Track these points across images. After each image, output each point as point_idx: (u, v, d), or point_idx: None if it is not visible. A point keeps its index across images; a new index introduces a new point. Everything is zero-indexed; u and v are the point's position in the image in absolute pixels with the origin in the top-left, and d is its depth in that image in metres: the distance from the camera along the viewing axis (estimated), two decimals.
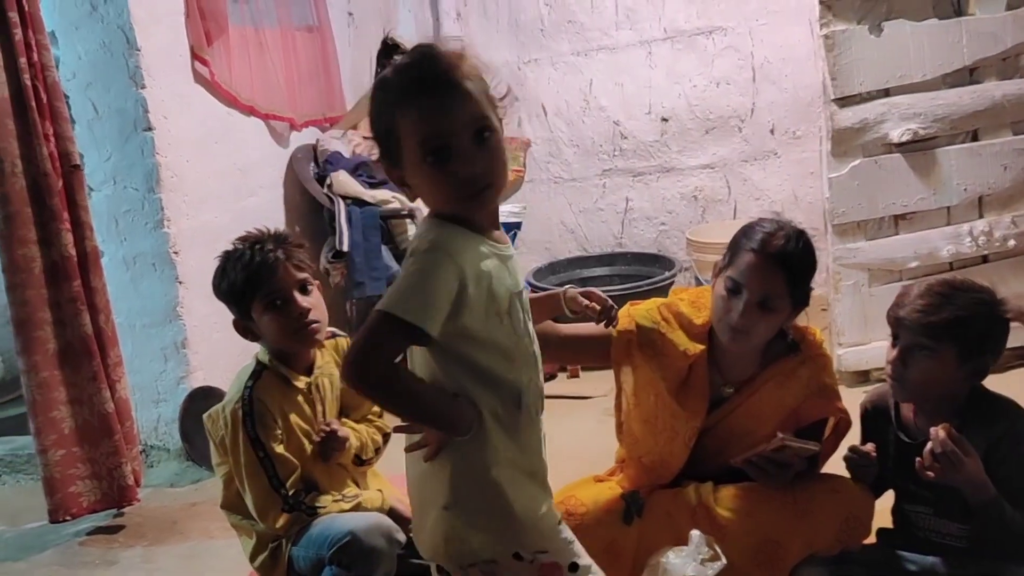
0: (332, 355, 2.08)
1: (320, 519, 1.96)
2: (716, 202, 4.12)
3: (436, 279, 1.23)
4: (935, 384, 1.79)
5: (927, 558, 1.90)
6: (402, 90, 1.26)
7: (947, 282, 1.81)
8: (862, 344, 3.19)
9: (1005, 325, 1.76)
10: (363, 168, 3.73)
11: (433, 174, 1.26)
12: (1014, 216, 3.18)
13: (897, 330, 1.81)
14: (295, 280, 1.92)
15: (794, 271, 1.87)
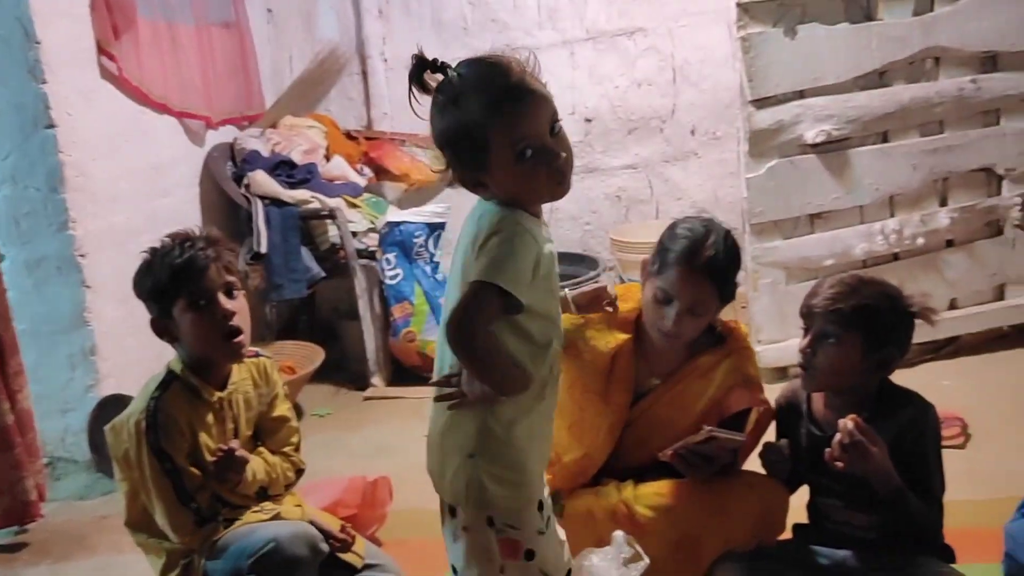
0: (251, 373, 2.00)
1: (238, 530, 1.89)
2: (639, 202, 4.16)
3: (524, 254, 1.39)
4: (842, 373, 1.83)
5: (839, 552, 1.93)
6: (491, 101, 1.38)
7: (857, 275, 1.88)
8: (780, 341, 3.26)
9: (910, 320, 1.82)
10: (282, 167, 3.65)
11: (529, 170, 1.39)
12: (923, 215, 3.28)
13: (808, 320, 1.86)
14: (222, 282, 1.86)
15: (722, 276, 1.93)
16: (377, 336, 3.59)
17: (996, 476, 2.47)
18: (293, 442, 2.07)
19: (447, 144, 1.44)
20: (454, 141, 1.42)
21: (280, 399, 2.06)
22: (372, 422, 3.33)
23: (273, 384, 2.04)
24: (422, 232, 3.57)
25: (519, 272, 1.38)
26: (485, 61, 1.42)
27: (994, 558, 2.02)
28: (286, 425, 2.06)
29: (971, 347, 3.35)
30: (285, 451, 2.05)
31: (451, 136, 1.42)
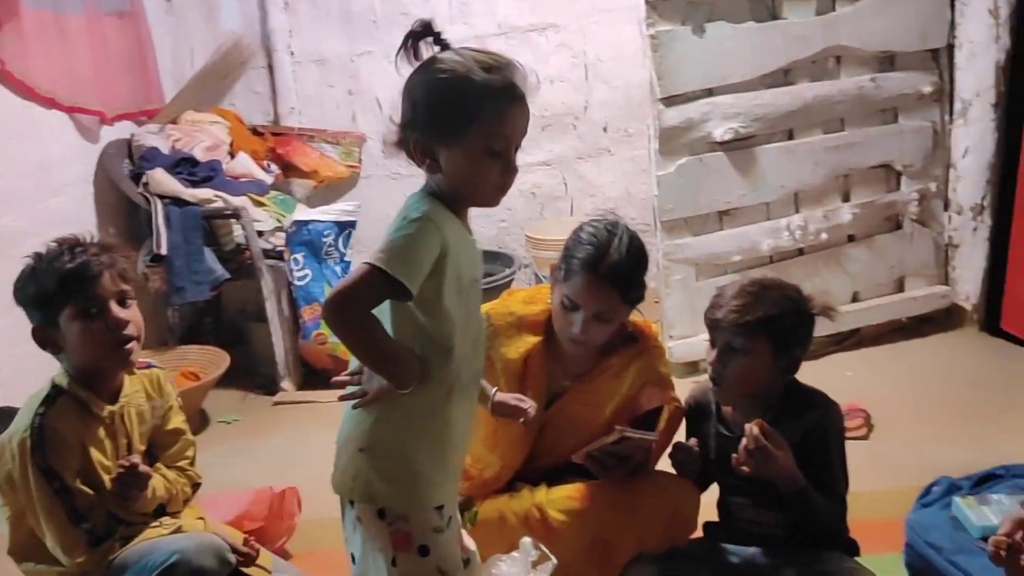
0: (144, 385, 1.91)
1: (137, 546, 1.80)
2: (554, 199, 4.15)
3: (423, 243, 1.36)
4: (752, 382, 1.85)
5: (748, 549, 1.96)
6: (498, 90, 1.38)
7: (757, 281, 1.88)
8: (691, 336, 3.29)
9: (811, 319, 1.86)
10: (183, 165, 3.50)
11: (487, 168, 1.41)
12: (826, 211, 3.36)
13: (714, 332, 1.86)
14: (116, 290, 1.77)
15: (627, 282, 1.91)
16: (286, 339, 3.49)
17: (898, 466, 2.55)
18: (189, 456, 1.99)
19: (431, 102, 1.39)
20: (442, 101, 1.38)
21: (174, 411, 1.98)
22: (281, 428, 3.23)
23: (167, 396, 1.96)
24: (331, 231, 3.48)
25: (413, 261, 1.35)
26: (509, 61, 1.43)
27: (896, 548, 2.09)
28: (182, 438, 1.98)
29: (872, 338, 3.45)
30: (181, 465, 1.96)
31: (441, 95, 1.38)
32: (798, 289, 1.88)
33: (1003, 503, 1.98)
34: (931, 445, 2.65)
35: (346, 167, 4.07)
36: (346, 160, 4.09)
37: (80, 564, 1.75)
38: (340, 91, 4.13)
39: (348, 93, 4.13)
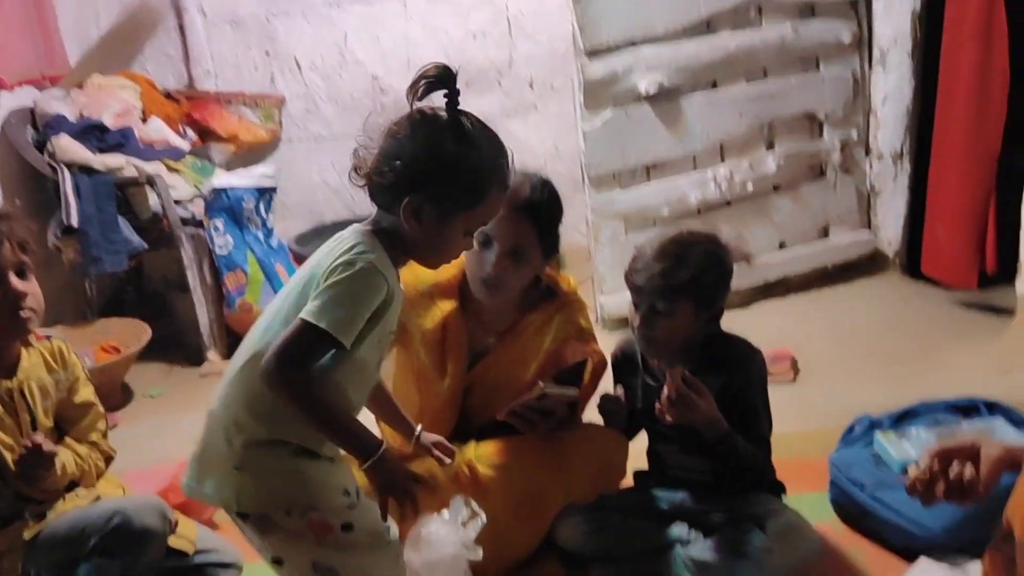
0: (42, 358, 1.83)
1: (64, 516, 1.74)
2: None
3: (367, 298, 1.35)
4: (678, 339, 1.86)
5: (677, 495, 1.98)
6: (503, 180, 1.44)
7: (676, 240, 1.85)
8: (622, 290, 3.28)
9: (730, 268, 1.86)
10: (92, 132, 3.34)
11: (460, 241, 1.46)
12: (751, 161, 3.38)
13: (636, 295, 1.85)
14: (14, 261, 1.70)
15: (542, 220, 1.90)
16: (210, 308, 3.38)
17: (822, 408, 2.59)
18: (100, 428, 1.92)
19: (451, 171, 1.37)
20: (462, 175, 1.38)
21: (82, 383, 1.90)
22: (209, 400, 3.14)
23: (71, 368, 1.88)
24: (252, 197, 3.37)
25: (352, 320, 1.33)
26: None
27: (822, 487, 2.13)
28: (91, 411, 1.91)
29: (799, 286, 3.50)
30: (93, 439, 1.89)
31: (463, 169, 1.38)
32: (716, 240, 1.87)
33: (921, 437, 2.03)
34: (854, 387, 2.71)
35: (266, 130, 3.95)
36: (266, 123, 3.96)
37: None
38: (257, 52, 3.99)
39: (265, 54, 3.99)
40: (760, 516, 1.84)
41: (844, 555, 1.96)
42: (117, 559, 1.70)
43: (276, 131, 3.97)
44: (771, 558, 1.77)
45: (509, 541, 1.93)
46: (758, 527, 1.81)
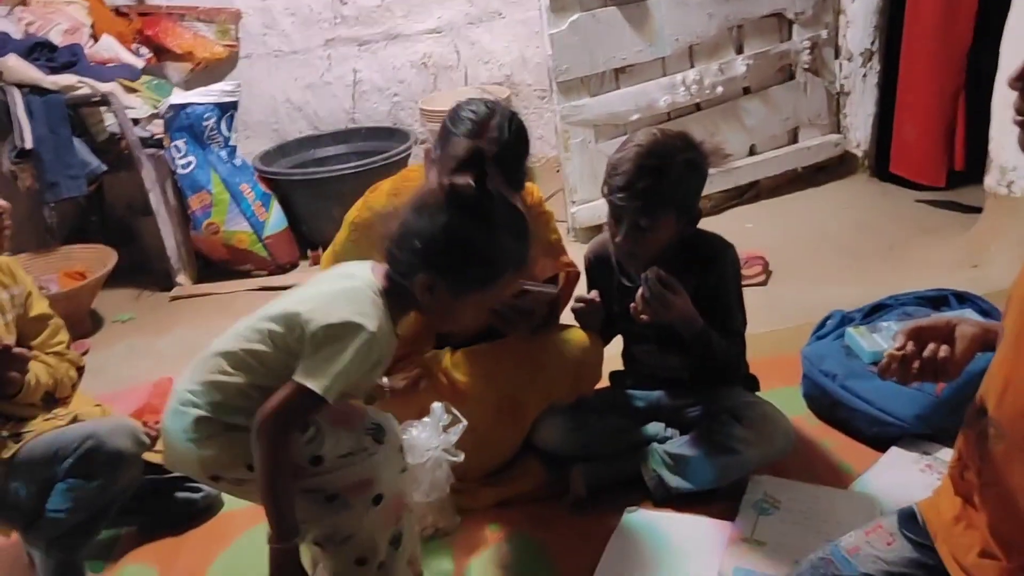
0: None
1: (39, 438, 1.73)
2: (447, 68, 4.00)
3: (361, 364, 1.36)
4: (660, 245, 1.82)
5: (653, 393, 2.01)
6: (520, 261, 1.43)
7: (651, 152, 1.75)
8: (593, 200, 3.27)
9: (707, 171, 1.81)
10: (40, 50, 3.21)
11: (470, 313, 1.46)
12: (720, 64, 3.33)
13: (616, 211, 1.79)
14: None
15: (508, 164, 1.75)
16: (176, 231, 3.32)
17: (795, 307, 2.62)
18: (62, 339, 1.89)
19: (458, 251, 1.38)
20: (472, 256, 1.39)
21: (35, 297, 1.87)
22: (180, 323, 3.12)
23: (22, 282, 1.84)
24: (212, 114, 3.27)
25: (347, 382, 1.36)
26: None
27: (794, 381, 2.17)
28: (50, 323, 1.88)
29: (770, 190, 3.51)
30: (57, 350, 1.86)
31: (473, 250, 1.39)
32: (692, 144, 1.79)
33: (892, 329, 2.05)
34: (825, 286, 2.74)
35: (223, 47, 3.81)
36: (222, 39, 3.83)
37: None
38: None
39: None
40: (735, 409, 1.86)
41: (817, 446, 2.01)
42: (92, 481, 1.70)
43: (234, 47, 3.84)
44: (747, 449, 1.81)
45: (490, 445, 1.95)
46: (734, 419, 1.84)
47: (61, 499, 1.70)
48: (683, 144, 1.78)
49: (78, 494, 1.70)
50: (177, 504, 1.99)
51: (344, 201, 3.22)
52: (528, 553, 1.79)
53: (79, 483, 1.70)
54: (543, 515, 1.88)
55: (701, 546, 1.72)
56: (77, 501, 1.70)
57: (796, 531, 1.71)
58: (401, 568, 1.53)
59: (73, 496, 1.70)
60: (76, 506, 1.70)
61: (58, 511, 1.71)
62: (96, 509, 1.74)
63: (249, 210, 3.32)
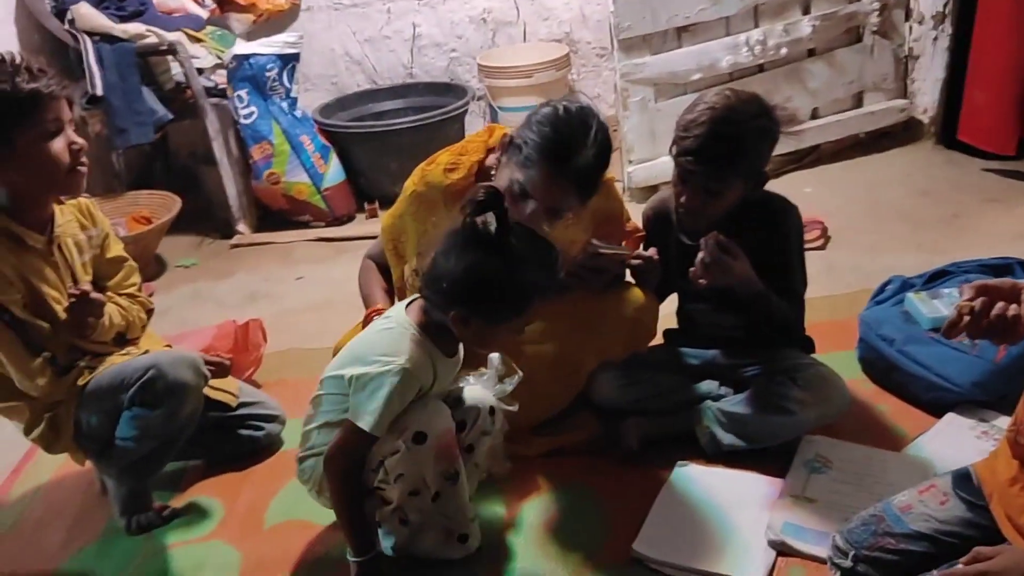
0: (75, 215, 1.85)
1: (109, 369, 1.81)
2: (506, 24, 3.98)
3: (403, 399, 1.53)
4: (726, 208, 1.82)
5: (708, 351, 2.02)
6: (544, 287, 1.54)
7: (726, 116, 1.72)
8: (650, 160, 3.26)
9: (776, 135, 1.78)
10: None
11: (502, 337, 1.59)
12: (786, 24, 3.27)
13: (685, 175, 1.78)
14: (70, 116, 1.71)
15: (589, 185, 1.76)
16: (238, 180, 3.39)
17: (853, 272, 2.60)
18: (135, 282, 1.97)
19: (483, 288, 1.49)
20: (496, 292, 1.49)
21: (112, 239, 1.94)
22: (241, 269, 3.20)
23: (100, 223, 1.91)
24: (274, 65, 3.31)
25: (390, 414, 1.52)
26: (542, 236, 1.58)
27: (851, 346, 2.16)
28: (124, 265, 1.95)
29: (831, 155, 3.45)
30: (130, 292, 1.94)
31: (497, 287, 1.49)
32: (765, 108, 1.76)
33: (954, 296, 2.01)
34: (884, 252, 2.70)
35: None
36: None
37: (44, 390, 1.76)
38: None
39: None
40: (791, 370, 1.87)
41: (871, 409, 2.00)
42: (156, 410, 1.77)
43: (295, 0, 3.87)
44: (802, 409, 1.81)
45: (545, 397, 1.98)
46: (790, 380, 1.84)
47: (127, 427, 1.79)
48: (757, 109, 1.76)
49: (143, 422, 1.78)
50: (240, 441, 2.07)
51: (402, 155, 3.30)
52: (578, 501, 1.83)
53: (143, 412, 1.77)
54: (594, 465, 1.92)
55: (751, 501, 1.75)
56: (143, 429, 1.78)
57: (847, 490, 1.72)
58: (461, 503, 1.64)
59: (138, 424, 1.78)
60: (142, 434, 1.78)
61: (126, 439, 1.79)
62: (162, 438, 1.81)
63: (309, 162, 3.37)
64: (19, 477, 2.15)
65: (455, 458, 1.61)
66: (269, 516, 1.91)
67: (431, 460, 1.56)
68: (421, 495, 1.60)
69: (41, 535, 1.95)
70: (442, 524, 1.66)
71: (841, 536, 1.49)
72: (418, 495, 1.60)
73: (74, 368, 1.78)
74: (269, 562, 1.78)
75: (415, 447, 1.53)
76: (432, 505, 1.62)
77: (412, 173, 1.98)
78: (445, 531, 1.67)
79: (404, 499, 1.60)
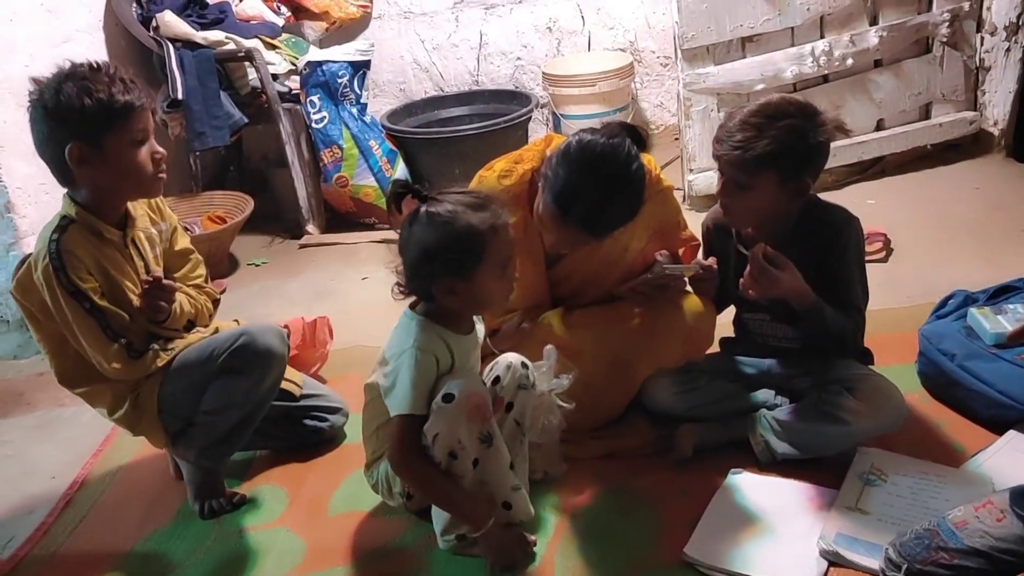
0: (146, 211, 1.96)
1: (197, 343, 1.92)
2: (571, 33, 4.03)
3: (425, 375, 1.64)
4: (761, 211, 1.85)
5: (764, 360, 2.03)
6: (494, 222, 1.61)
7: (762, 110, 1.78)
8: (712, 168, 3.26)
9: (822, 143, 1.79)
10: (192, 7, 3.42)
11: (499, 286, 1.66)
12: (852, 35, 3.25)
13: (718, 164, 1.83)
14: (153, 126, 1.83)
15: (597, 227, 1.80)
16: (308, 183, 3.50)
17: (915, 285, 2.58)
18: (201, 274, 2.07)
19: (435, 251, 1.59)
20: (446, 247, 1.58)
21: (179, 233, 2.05)
22: (309, 269, 3.31)
23: (169, 218, 2.02)
24: (346, 72, 3.42)
25: (419, 392, 1.63)
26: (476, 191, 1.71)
27: (910, 359, 2.15)
28: (191, 257, 2.06)
29: (896, 167, 3.41)
30: (197, 283, 2.04)
31: (444, 243, 1.58)
32: (808, 112, 1.78)
33: (1018, 312, 2.01)
34: (948, 266, 2.67)
35: (357, 7, 3.96)
36: (357, 0, 3.97)
37: (122, 373, 1.85)
38: None
39: None
40: (847, 380, 1.87)
41: (929, 424, 1.99)
42: (243, 376, 1.87)
43: (367, 8, 3.98)
44: (858, 420, 1.81)
45: (599, 402, 2.02)
46: (845, 390, 1.84)
47: (215, 398, 1.88)
48: (796, 111, 1.78)
49: (230, 389, 1.87)
50: (306, 431, 2.15)
51: (465, 160, 3.38)
52: (631, 504, 1.86)
53: (231, 379, 1.87)
54: (648, 469, 1.94)
55: (804, 510, 1.75)
56: (229, 396, 1.87)
57: (902, 504, 1.72)
58: (500, 468, 1.72)
59: (226, 392, 1.87)
60: (228, 402, 1.88)
61: (211, 412, 1.89)
62: (245, 409, 1.90)
63: (376, 165, 3.47)
64: (98, 460, 2.26)
65: (487, 419, 1.67)
66: (332, 505, 1.98)
67: (463, 420, 1.62)
68: (460, 458, 1.66)
69: (118, 516, 2.05)
70: (486, 492, 1.72)
71: (894, 549, 1.50)
72: (456, 458, 1.66)
73: (148, 351, 1.88)
74: (331, 550, 1.85)
75: (444, 406, 1.62)
76: (473, 472, 1.69)
77: (473, 178, 2.05)
78: (489, 500, 1.72)
79: (446, 462, 1.66)
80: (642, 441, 2.01)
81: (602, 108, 3.68)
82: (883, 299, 2.39)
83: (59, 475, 2.23)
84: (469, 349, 1.74)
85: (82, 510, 2.09)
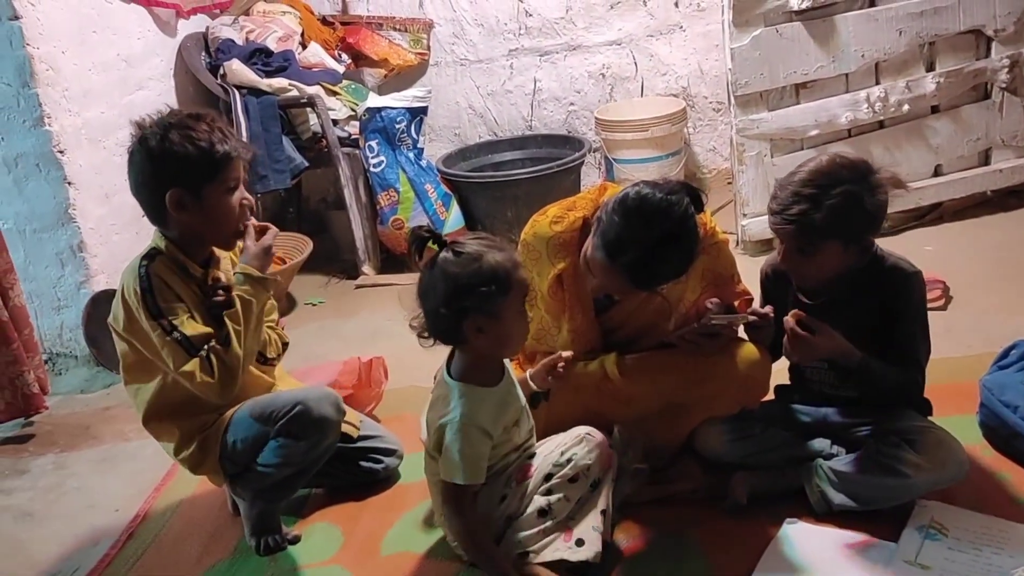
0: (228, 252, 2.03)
1: (254, 400, 1.97)
2: (623, 79, 4.08)
3: (479, 448, 1.72)
4: (826, 271, 1.85)
5: (821, 409, 2.01)
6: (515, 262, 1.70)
7: (814, 180, 1.76)
8: (764, 214, 3.26)
9: (880, 202, 1.78)
10: (258, 56, 3.56)
11: (521, 322, 1.74)
12: (908, 81, 3.24)
13: (777, 235, 1.83)
14: (243, 176, 1.92)
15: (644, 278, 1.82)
16: (365, 225, 3.59)
17: (975, 334, 2.53)
18: (274, 317, 2.14)
19: (466, 287, 1.64)
20: (477, 283, 1.64)
21: None
22: (364, 309, 3.37)
23: None
24: (404, 118, 3.51)
25: (476, 464, 1.72)
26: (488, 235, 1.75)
27: (971, 410, 2.11)
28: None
29: (954, 213, 3.37)
30: (269, 324, 2.10)
31: (475, 279, 1.64)
32: (861, 171, 1.77)
33: None
34: (1010, 315, 2.62)
35: (415, 54, 4.07)
36: (415, 47, 4.08)
37: (211, 388, 1.85)
38: None
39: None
40: (907, 432, 1.84)
41: (991, 477, 1.95)
42: (300, 441, 1.92)
43: (424, 55, 4.09)
44: (918, 473, 1.78)
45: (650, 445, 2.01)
46: (905, 443, 1.82)
47: (272, 455, 1.93)
48: (851, 174, 1.76)
49: (287, 451, 1.92)
50: (361, 472, 2.19)
51: (518, 204, 3.43)
52: (684, 550, 1.85)
53: (288, 442, 1.92)
54: (701, 516, 1.93)
55: (861, 564, 1.73)
56: (285, 457, 1.92)
57: (964, 559, 1.68)
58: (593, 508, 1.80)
59: (282, 453, 1.92)
60: (284, 462, 1.92)
61: (268, 465, 1.93)
62: (300, 467, 1.95)
63: (431, 208, 3.54)
64: (160, 494, 2.32)
65: (609, 466, 1.80)
66: (385, 545, 2.01)
67: (596, 455, 1.78)
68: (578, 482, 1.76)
69: (178, 550, 2.10)
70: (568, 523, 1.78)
71: None
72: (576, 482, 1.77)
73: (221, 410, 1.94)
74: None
75: (590, 439, 1.80)
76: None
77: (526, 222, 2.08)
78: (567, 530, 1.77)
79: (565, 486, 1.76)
80: (694, 487, 2.00)
81: (655, 152, 3.71)
82: (942, 348, 2.34)
83: (122, 508, 2.29)
84: (509, 395, 1.81)
85: (144, 543, 2.14)
